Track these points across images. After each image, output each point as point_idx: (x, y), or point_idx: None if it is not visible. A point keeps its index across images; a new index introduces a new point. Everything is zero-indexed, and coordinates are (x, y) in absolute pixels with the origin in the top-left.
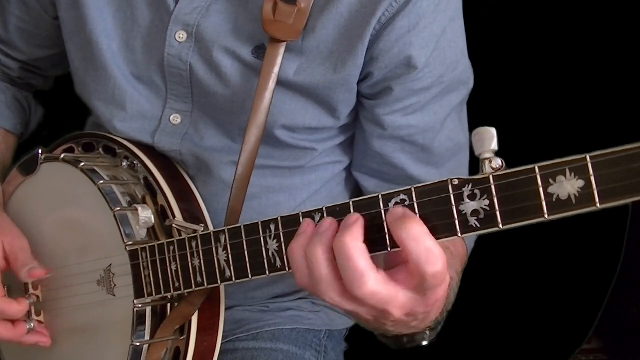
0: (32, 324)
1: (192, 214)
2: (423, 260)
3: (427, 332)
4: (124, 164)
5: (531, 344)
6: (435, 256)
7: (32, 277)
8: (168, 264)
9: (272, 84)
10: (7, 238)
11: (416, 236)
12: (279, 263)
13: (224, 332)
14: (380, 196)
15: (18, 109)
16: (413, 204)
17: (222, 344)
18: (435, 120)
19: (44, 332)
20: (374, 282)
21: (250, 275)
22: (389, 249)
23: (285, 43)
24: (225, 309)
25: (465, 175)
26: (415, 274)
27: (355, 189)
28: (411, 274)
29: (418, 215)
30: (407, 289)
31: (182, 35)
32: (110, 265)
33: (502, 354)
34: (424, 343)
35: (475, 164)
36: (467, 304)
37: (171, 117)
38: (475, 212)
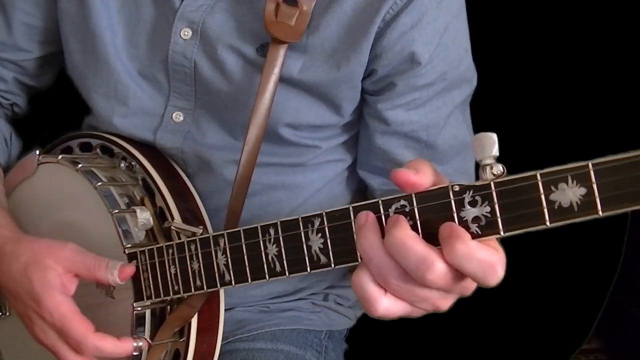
0: (141, 343)
1: (192, 215)
2: (481, 277)
3: None
4: (122, 164)
5: (531, 344)
6: (491, 267)
7: (124, 277)
8: (167, 267)
9: (273, 84)
10: (54, 259)
11: (463, 255)
12: (278, 267)
13: (224, 332)
14: (380, 202)
15: (2, 142)
16: (413, 209)
17: (222, 344)
18: (438, 116)
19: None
20: (440, 262)
21: (249, 280)
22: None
23: (287, 44)
24: (226, 310)
25: (471, 172)
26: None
27: (357, 189)
28: None
29: (418, 221)
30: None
31: (187, 33)
32: None
33: (502, 354)
34: None
35: (477, 169)
36: (467, 304)
37: (173, 115)
38: (476, 219)
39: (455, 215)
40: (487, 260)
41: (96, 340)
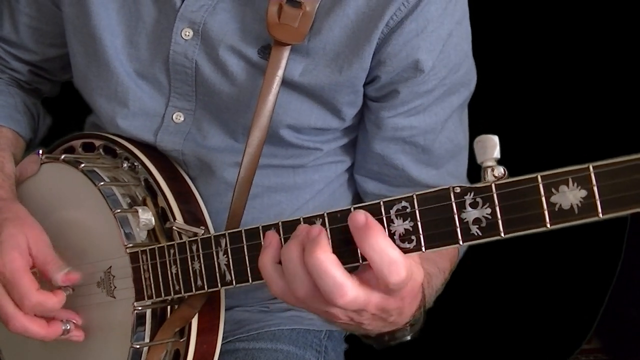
0: (69, 325)
1: (193, 216)
2: (386, 272)
3: (408, 328)
4: (125, 165)
5: (531, 344)
6: (398, 267)
7: (67, 282)
8: (168, 267)
9: (275, 86)
10: (31, 232)
11: (379, 248)
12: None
13: (224, 332)
14: (381, 203)
15: (27, 114)
16: (414, 211)
17: (222, 344)
18: (436, 121)
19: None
20: (353, 290)
21: (250, 280)
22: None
23: (290, 46)
24: (226, 310)
25: (464, 177)
26: (380, 281)
27: (358, 191)
28: (377, 278)
29: (419, 222)
30: (377, 290)
31: (188, 33)
32: (110, 267)
33: (502, 354)
34: (407, 338)
35: (477, 171)
36: (467, 304)
37: (174, 116)
38: (477, 221)
39: (456, 216)
40: (397, 261)
41: (39, 296)
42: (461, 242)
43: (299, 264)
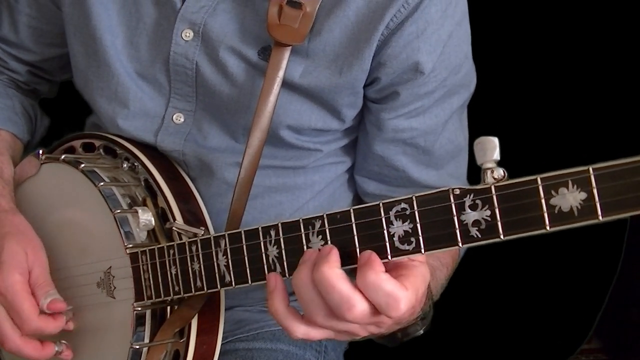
0: (62, 347)
1: (193, 216)
2: (384, 308)
3: (419, 323)
4: (125, 165)
5: (531, 344)
6: (395, 300)
7: (52, 310)
8: (168, 268)
9: (276, 87)
10: (31, 250)
11: (372, 285)
12: (279, 269)
13: (224, 332)
14: (381, 204)
15: (25, 116)
16: (414, 212)
17: (222, 344)
18: (437, 122)
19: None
20: (361, 302)
21: (250, 281)
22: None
23: (291, 47)
24: (226, 309)
25: (464, 177)
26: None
27: (358, 191)
28: None
29: (419, 224)
30: None
31: (188, 34)
32: (110, 267)
33: (503, 354)
34: (420, 333)
35: (476, 172)
36: (467, 304)
37: (174, 116)
38: (476, 223)
39: (455, 218)
40: (393, 294)
41: (39, 322)
42: (460, 244)
43: (310, 284)
